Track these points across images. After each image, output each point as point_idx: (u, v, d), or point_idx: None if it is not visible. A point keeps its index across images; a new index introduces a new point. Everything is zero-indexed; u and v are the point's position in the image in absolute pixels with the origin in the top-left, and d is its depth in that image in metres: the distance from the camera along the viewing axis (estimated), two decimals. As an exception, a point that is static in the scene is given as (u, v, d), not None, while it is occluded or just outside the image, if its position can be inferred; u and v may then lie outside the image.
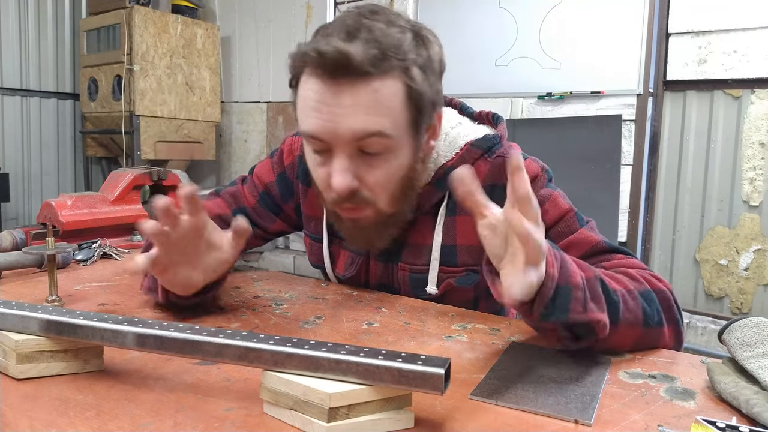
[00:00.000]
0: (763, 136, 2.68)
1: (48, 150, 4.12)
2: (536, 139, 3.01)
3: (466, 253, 0.89)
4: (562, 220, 0.82)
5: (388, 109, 0.74)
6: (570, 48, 3.02)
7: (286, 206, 1.03)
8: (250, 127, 4.37)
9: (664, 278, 0.75)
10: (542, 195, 0.83)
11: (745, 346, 0.58)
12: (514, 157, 0.57)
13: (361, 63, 0.70)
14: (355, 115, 0.72)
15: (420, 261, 0.90)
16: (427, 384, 0.45)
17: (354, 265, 0.96)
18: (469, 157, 0.87)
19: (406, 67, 0.74)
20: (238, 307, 0.84)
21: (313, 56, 0.71)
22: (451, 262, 0.89)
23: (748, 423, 0.49)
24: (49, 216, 1.35)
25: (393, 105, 0.74)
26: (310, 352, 0.48)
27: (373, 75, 0.72)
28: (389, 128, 0.75)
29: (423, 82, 0.76)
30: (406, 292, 0.93)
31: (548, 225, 0.81)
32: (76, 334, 0.55)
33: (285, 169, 1.01)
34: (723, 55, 2.71)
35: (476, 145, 0.87)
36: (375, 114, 0.73)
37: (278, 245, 4.20)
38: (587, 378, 0.59)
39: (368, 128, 0.73)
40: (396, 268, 0.93)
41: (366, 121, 0.73)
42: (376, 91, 0.72)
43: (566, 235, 0.81)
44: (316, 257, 1.02)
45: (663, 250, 3.00)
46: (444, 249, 0.89)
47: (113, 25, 3.71)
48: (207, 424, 0.48)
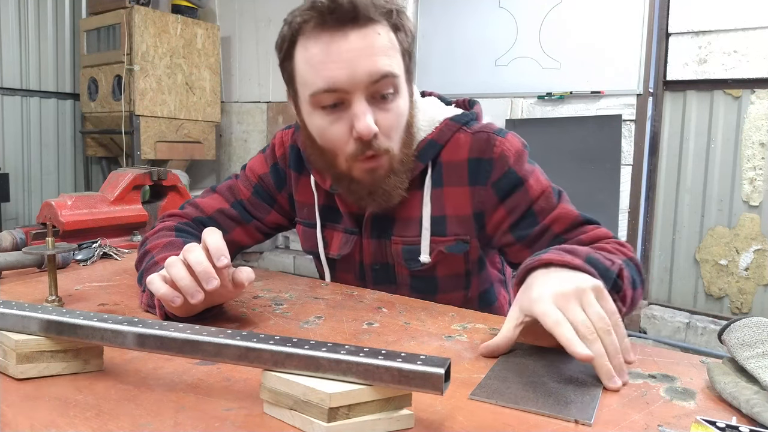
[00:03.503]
0: (763, 136, 2.68)
1: (48, 150, 4.12)
2: (536, 139, 3.01)
3: (455, 223, 0.92)
4: (543, 195, 0.89)
5: (392, 50, 0.81)
6: (570, 48, 3.02)
7: (279, 196, 1.05)
8: (250, 127, 4.37)
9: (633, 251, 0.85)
10: (526, 170, 0.89)
11: (745, 346, 0.58)
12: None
13: (366, 8, 0.77)
14: (370, 57, 0.78)
15: (411, 233, 0.93)
16: (427, 384, 0.45)
17: (348, 244, 0.98)
18: (448, 130, 0.92)
19: (395, 15, 0.82)
20: (238, 307, 0.84)
21: (321, 6, 0.77)
22: (442, 232, 0.92)
23: (748, 423, 0.49)
24: (49, 216, 1.36)
25: (394, 47, 0.82)
26: (310, 352, 0.48)
27: (375, 21, 0.79)
28: (396, 69, 0.82)
29: (409, 30, 0.85)
30: (399, 266, 0.96)
31: (532, 199, 0.88)
32: (76, 334, 0.55)
33: (277, 161, 1.04)
34: (723, 55, 2.71)
35: (454, 119, 0.93)
36: (384, 55, 0.80)
37: (278, 245, 4.20)
38: (587, 378, 0.59)
39: (383, 69, 0.79)
40: (389, 243, 0.95)
41: (380, 61, 0.79)
42: (380, 35, 0.80)
43: (549, 210, 0.88)
44: (310, 243, 1.03)
45: (663, 250, 3.00)
46: (434, 219, 0.92)
47: (113, 25, 3.71)
48: (207, 424, 0.48)
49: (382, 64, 0.79)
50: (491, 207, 0.90)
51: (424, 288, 0.96)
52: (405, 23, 0.84)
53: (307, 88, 0.82)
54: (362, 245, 0.97)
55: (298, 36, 0.81)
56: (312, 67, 0.80)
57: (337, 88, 0.79)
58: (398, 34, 0.82)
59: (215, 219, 1.02)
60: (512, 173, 0.88)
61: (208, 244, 0.69)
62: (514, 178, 0.88)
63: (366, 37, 0.78)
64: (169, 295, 0.68)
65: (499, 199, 0.89)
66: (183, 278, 0.67)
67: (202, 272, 0.67)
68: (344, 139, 0.82)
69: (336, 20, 0.77)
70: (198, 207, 1.03)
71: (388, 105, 0.82)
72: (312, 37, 0.79)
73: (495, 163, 0.89)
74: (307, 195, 1.01)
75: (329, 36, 0.78)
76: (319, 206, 0.99)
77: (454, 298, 0.96)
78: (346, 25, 0.77)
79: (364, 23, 0.78)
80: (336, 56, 0.78)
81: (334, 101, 0.80)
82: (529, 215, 0.88)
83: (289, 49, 0.83)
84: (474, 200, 0.91)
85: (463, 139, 0.91)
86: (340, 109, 0.81)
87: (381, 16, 0.79)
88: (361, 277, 1.00)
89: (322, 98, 0.81)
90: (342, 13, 0.76)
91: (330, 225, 1.00)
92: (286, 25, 0.82)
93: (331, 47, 0.78)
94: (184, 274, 0.68)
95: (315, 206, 1.00)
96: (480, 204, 0.91)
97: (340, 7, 0.76)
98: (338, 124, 0.82)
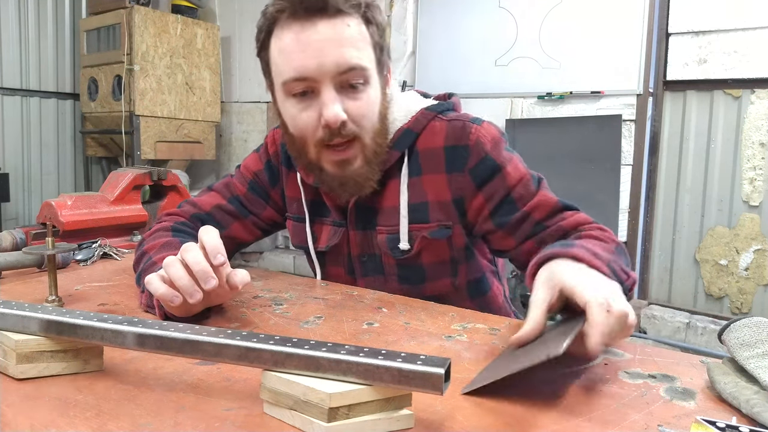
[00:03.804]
0: (763, 136, 2.68)
1: (48, 150, 4.12)
2: (536, 139, 3.01)
3: (437, 209, 0.93)
4: (521, 182, 0.90)
5: (362, 43, 0.83)
6: (570, 48, 3.02)
7: (273, 192, 1.06)
8: (250, 127, 4.37)
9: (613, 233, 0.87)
10: (504, 157, 0.90)
11: (745, 346, 0.58)
12: None
13: (336, 1, 0.79)
14: (338, 48, 0.80)
15: (393, 222, 0.95)
16: (427, 384, 0.45)
17: (336, 236, 0.99)
18: (423, 119, 0.93)
19: (367, 8, 0.83)
20: (238, 307, 0.84)
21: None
22: (424, 218, 0.94)
23: (748, 423, 0.49)
24: (49, 216, 1.36)
25: (365, 40, 0.84)
26: (310, 352, 0.48)
27: (345, 13, 0.81)
28: (366, 61, 0.83)
29: (380, 24, 0.87)
30: (386, 255, 0.97)
31: (510, 186, 0.89)
32: (75, 334, 0.55)
33: (270, 158, 1.06)
34: (723, 55, 2.71)
35: (430, 108, 0.95)
36: (353, 47, 0.82)
37: (278, 245, 4.20)
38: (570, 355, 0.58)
39: (351, 61, 0.81)
40: (374, 233, 0.96)
41: (348, 53, 0.81)
42: (350, 27, 0.81)
43: (528, 198, 0.89)
44: (299, 237, 1.05)
45: (663, 250, 3.00)
46: (414, 206, 0.93)
47: (113, 25, 3.71)
48: (207, 424, 0.48)
49: (350, 56, 0.81)
50: (470, 193, 0.91)
51: (411, 277, 0.97)
52: (376, 16, 0.85)
53: (279, 76, 0.84)
54: (349, 237, 0.99)
55: (274, 26, 0.83)
56: (284, 56, 0.82)
57: (306, 76, 0.81)
58: (369, 27, 0.84)
59: (213, 215, 1.03)
60: (489, 160, 0.89)
61: (205, 243, 0.69)
62: (491, 165, 0.89)
63: (335, 28, 0.80)
64: (168, 294, 0.68)
65: (476, 186, 0.90)
66: (181, 278, 0.68)
67: (200, 272, 0.68)
68: (313, 126, 0.84)
69: (306, 10, 0.79)
70: (195, 205, 1.04)
71: (358, 95, 0.84)
72: (285, 27, 0.82)
73: (471, 150, 0.90)
74: (295, 190, 1.03)
75: (300, 26, 0.80)
76: (307, 201, 1.01)
77: (442, 286, 0.97)
78: (315, 15, 0.80)
79: (333, 14, 0.80)
80: (305, 45, 0.80)
81: (303, 89, 0.83)
82: (507, 202, 0.89)
83: (265, 39, 0.85)
84: (452, 187, 0.92)
85: (438, 127, 0.93)
86: (310, 98, 0.83)
87: (351, 8, 0.81)
88: (350, 269, 1.01)
89: (292, 86, 0.83)
90: (311, 3, 0.79)
91: (318, 219, 1.02)
92: (263, 16, 0.84)
93: (300, 36, 0.80)
94: (182, 274, 0.68)
95: (302, 201, 1.01)
96: (458, 191, 0.92)
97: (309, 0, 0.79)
98: (308, 111, 0.84)
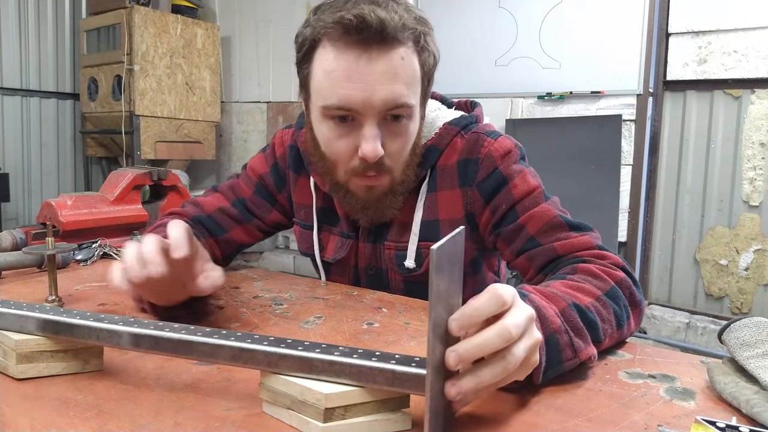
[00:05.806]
0: (763, 136, 2.68)
1: (48, 150, 4.12)
2: (536, 139, 3.01)
3: (448, 227, 0.90)
4: (530, 195, 0.85)
5: (412, 78, 0.79)
6: (570, 48, 3.02)
7: (279, 196, 1.05)
8: (250, 127, 4.37)
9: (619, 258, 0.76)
10: (513, 170, 0.87)
11: (745, 346, 0.58)
12: None
13: (394, 30, 0.74)
14: (389, 84, 0.76)
15: (404, 238, 0.93)
16: (421, 386, 0.44)
17: (344, 248, 0.98)
18: (447, 135, 0.91)
19: (421, 38, 0.78)
20: (238, 307, 0.84)
21: (349, 24, 0.73)
22: (434, 236, 0.91)
23: (748, 423, 0.49)
24: (49, 216, 1.36)
25: (415, 74, 0.79)
26: (304, 353, 0.48)
27: (402, 43, 0.76)
28: (413, 98, 0.79)
29: (433, 52, 0.82)
30: (392, 271, 0.95)
31: (515, 199, 0.85)
32: (72, 333, 0.55)
33: (277, 161, 1.04)
34: (723, 55, 2.71)
35: (453, 123, 0.91)
36: (403, 84, 0.77)
37: (278, 245, 4.20)
38: None
39: (400, 99, 0.77)
40: (383, 248, 0.95)
41: (398, 90, 0.77)
42: (403, 60, 0.77)
43: (530, 209, 0.84)
44: (306, 245, 1.03)
45: (663, 250, 3.00)
46: (426, 224, 0.91)
47: (113, 25, 3.71)
48: (207, 424, 0.48)
49: (399, 94, 0.77)
50: (479, 208, 0.89)
51: (417, 293, 0.95)
52: (430, 44, 0.81)
53: (320, 98, 0.80)
54: (357, 249, 0.97)
55: (320, 42, 0.78)
56: (329, 80, 0.77)
57: (350, 108, 0.77)
58: (421, 56, 0.80)
59: (214, 217, 1.02)
60: (497, 173, 0.86)
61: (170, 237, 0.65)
62: (498, 178, 0.86)
63: (388, 61, 0.75)
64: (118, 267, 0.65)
65: (484, 200, 0.88)
66: (130, 257, 0.64)
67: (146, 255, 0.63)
68: (349, 155, 0.81)
69: (359, 33, 0.74)
70: (198, 205, 1.03)
71: (399, 128, 0.81)
72: (334, 49, 0.76)
73: (481, 164, 0.87)
74: (304, 196, 1.01)
75: (351, 51, 0.75)
76: (317, 208, 0.99)
77: None
78: (371, 45, 0.75)
79: (390, 45, 0.75)
80: (356, 77, 0.75)
81: (344, 115, 0.79)
82: (510, 214, 0.86)
83: (309, 52, 0.80)
84: (464, 202, 0.90)
85: (459, 144, 0.90)
86: (350, 125, 0.80)
87: (407, 38, 0.76)
88: (356, 280, 1.00)
89: (334, 111, 0.79)
90: (366, 28, 0.73)
91: (326, 227, 1.00)
92: (309, 26, 0.79)
93: (351, 66, 0.75)
94: (132, 254, 0.64)
95: (313, 208, 0.99)
96: (469, 205, 0.90)
97: (368, 28, 0.73)
98: (345, 139, 0.80)
